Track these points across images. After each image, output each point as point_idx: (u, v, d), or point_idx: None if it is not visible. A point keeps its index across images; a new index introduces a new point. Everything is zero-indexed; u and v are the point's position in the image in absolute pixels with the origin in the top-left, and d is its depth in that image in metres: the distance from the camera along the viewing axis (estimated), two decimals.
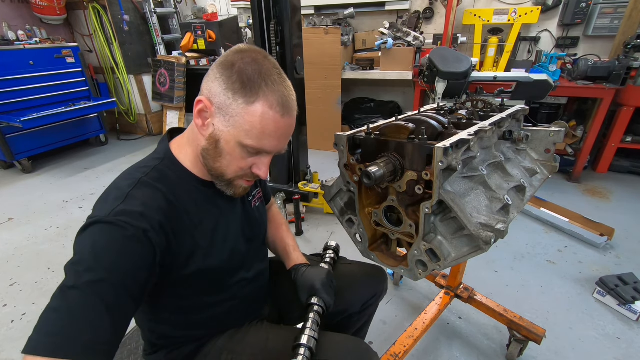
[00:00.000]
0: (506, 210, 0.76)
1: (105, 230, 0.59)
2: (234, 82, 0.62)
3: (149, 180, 0.67)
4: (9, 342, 1.54)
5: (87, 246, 0.57)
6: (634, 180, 2.93)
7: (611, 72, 2.50)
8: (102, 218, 0.59)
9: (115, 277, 0.56)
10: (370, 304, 1.07)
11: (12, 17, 3.66)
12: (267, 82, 0.63)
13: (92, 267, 0.55)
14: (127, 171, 0.71)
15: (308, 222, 2.44)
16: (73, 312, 0.52)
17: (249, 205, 0.88)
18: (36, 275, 1.95)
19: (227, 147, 0.66)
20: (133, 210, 0.61)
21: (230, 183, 0.73)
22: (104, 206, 0.62)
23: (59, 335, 0.50)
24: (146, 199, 0.64)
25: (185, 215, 0.69)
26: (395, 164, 0.72)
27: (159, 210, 0.64)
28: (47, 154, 3.66)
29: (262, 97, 0.63)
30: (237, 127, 0.64)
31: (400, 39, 3.17)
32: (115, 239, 0.58)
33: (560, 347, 1.44)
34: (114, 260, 0.57)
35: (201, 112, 0.66)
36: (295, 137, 2.32)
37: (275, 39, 2.05)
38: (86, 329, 0.51)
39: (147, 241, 0.60)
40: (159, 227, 0.63)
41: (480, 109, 1.11)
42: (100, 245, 0.57)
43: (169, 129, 0.81)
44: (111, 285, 0.55)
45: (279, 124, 0.65)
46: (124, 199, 0.62)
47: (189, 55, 3.86)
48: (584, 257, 2.00)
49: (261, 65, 0.64)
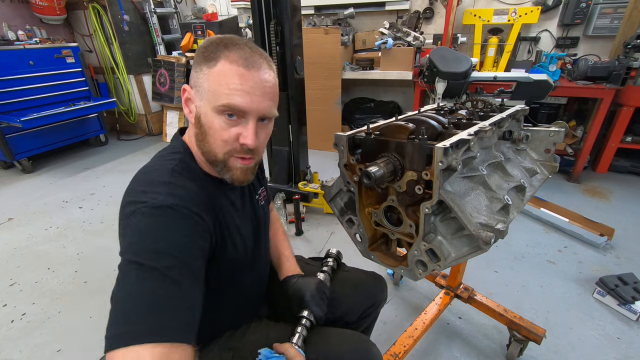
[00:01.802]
0: (506, 210, 0.76)
1: (164, 215, 0.57)
2: (199, 56, 0.65)
3: (181, 170, 0.67)
4: (9, 342, 1.54)
5: (148, 231, 0.55)
6: (634, 180, 2.93)
7: (611, 72, 2.50)
8: (157, 204, 0.57)
9: (183, 258, 0.55)
10: (368, 314, 1.03)
11: (12, 17, 3.66)
12: (228, 47, 0.63)
13: (159, 251, 0.53)
14: (153, 163, 0.69)
15: (308, 222, 2.44)
16: (152, 298, 0.50)
17: (257, 203, 0.88)
18: (36, 275, 1.95)
19: (206, 121, 0.65)
20: (183, 196, 0.61)
21: (225, 164, 0.69)
22: (150, 195, 0.59)
23: (145, 322, 0.48)
24: (187, 186, 0.64)
25: (217, 207, 0.70)
26: (395, 164, 0.72)
27: (204, 197, 0.65)
28: (47, 154, 3.66)
29: (222, 58, 0.63)
30: (207, 94, 0.64)
31: (400, 39, 3.17)
32: (175, 221, 0.58)
33: (560, 347, 1.44)
34: (179, 241, 0.56)
35: (187, 101, 0.69)
36: (295, 137, 2.32)
37: (275, 39, 2.05)
38: (169, 313, 0.50)
39: (205, 224, 0.62)
40: (207, 211, 0.64)
41: (480, 109, 1.11)
42: (163, 228, 0.56)
43: (180, 127, 0.81)
44: (182, 265, 0.54)
45: (245, 76, 0.63)
46: (167, 186, 0.61)
47: (189, 55, 3.86)
48: (584, 257, 2.00)
49: (227, 39, 0.65)
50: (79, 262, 2.05)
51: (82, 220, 2.51)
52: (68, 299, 1.77)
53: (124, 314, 0.48)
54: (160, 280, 0.51)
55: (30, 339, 1.55)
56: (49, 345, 1.52)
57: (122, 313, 0.49)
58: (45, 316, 1.67)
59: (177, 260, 0.54)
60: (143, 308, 0.49)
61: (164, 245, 0.54)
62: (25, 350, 1.50)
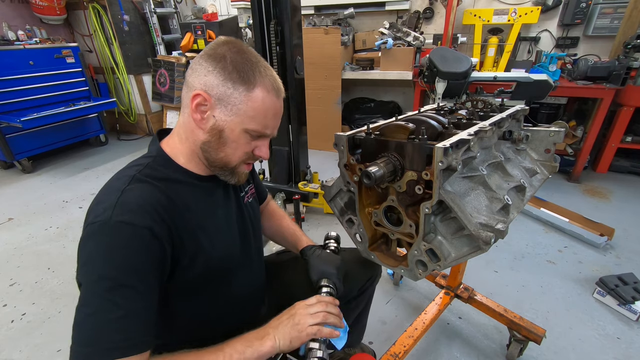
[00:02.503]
0: (506, 210, 0.76)
1: (109, 234, 0.59)
2: (231, 72, 0.65)
3: (143, 177, 0.67)
4: (9, 342, 1.54)
5: (95, 253, 0.59)
6: (634, 180, 2.93)
7: (611, 72, 2.50)
8: (103, 221, 0.59)
9: (131, 279, 0.58)
10: (366, 288, 1.10)
11: (12, 17, 3.66)
12: (259, 70, 0.68)
13: (106, 275, 0.57)
14: (119, 172, 0.71)
15: (308, 222, 2.44)
16: (100, 321, 0.56)
17: (242, 200, 0.87)
18: (36, 275, 1.95)
19: (232, 135, 0.69)
20: (132, 209, 0.61)
21: (234, 170, 0.75)
22: (101, 208, 0.61)
23: (92, 345, 0.55)
24: (143, 194, 0.64)
25: (185, 210, 0.69)
26: (395, 164, 0.72)
27: (158, 204, 0.64)
28: (47, 154, 3.66)
29: (259, 83, 0.67)
30: (241, 114, 0.67)
31: (400, 39, 3.17)
32: (122, 242, 0.59)
33: (560, 347, 1.44)
34: (127, 262, 0.58)
35: (199, 106, 0.67)
36: (295, 137, 2.32)
37: (275, 39, 2.05)
38: (117, 335, 0.56)
39: (153, 237, 0.61)
40: (161, 220, 0.63)
41: (480, 109, 1.11)
42: (108, 249, 0.58)
43: (158, 130, 0.81)
44: (130, 288, 0.58)
45: (276, 105, 0.70)
46: (119, 197, 0.62)
47: (189, 55, 3.86)
48: (584, 257, 2.00)
49: (248, 54, 0.68)
50: None
51: (82, 220, 2.51)
52: (68, 299, 1.77)
53: (83, 335, 0.56)
54: (108, 300, 0.56)
55: (30, 339, 1.55)
56: (49, 345, 1.52)
57: (81, 332, 0.56)
58: (45, 316, 1.67)
59: (124, 277, 0.58)
60: (96, 331, 0.55)
61: (111, 265, 0.58)
62: (25, 350, 1.50)
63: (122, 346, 0.56)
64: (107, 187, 0.67)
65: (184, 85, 0.70)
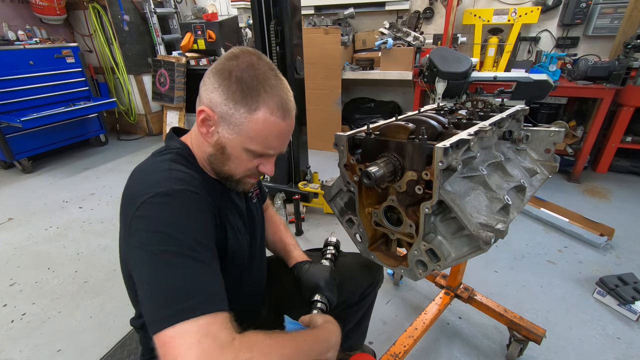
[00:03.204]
0: (506, 210, 0.76)
1: (176, 200, 0.60)
2: (234, 92, 0.64)
3: (180, 160, 0.69)
4: (9, 342, 1.54)
5: (166, 218, 0.58)
6: (634, 180, 2.93)
7: (611, 72, 2.50)
8: (164, 192, 0.59)
9: (205, 239, 0.60)
10: (367, 293, 1.09)
11: (12, 17, 3.66)
12: (265, 88, 0.65)
13: (182, 237, 0.57)
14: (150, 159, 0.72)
15: (308, 222, 2.44)
16: (183, 280, 0.54)
17: (250, 200, 0.89)
18: (36, 275, 1.95)
19: (234, 152, 0.69)
20: (187, 182, 0.63)
21: (240, 181, 0.76)
22: (153, 185, 0.61)
23: (184, 302, 0.52)
24: (189, 173, 0.66)
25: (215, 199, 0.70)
26: (395, 164, 0.72)
27: (201, 184, 0.66)
28: (47, 154, 3.66)
29: (262, 104, 0.64)
30: (242, 135, 0.66)
31: (400, 39, 3.17)
32: (191, 204, 0.60)
33: (560, 347, 1.44)
34: (198, 225, 0.60)
35: (204, 121, 0.68)
36: (295, 137, 2.32)
37: (275, 39, 2.05)
38: (200, 290, 0.54)
39: (211, 205, 0.65)
40: (212, 196, 0.66)
41: (480, 109, 1.11)
42: (179, 213, 0.59)
43: (172, 127, 0.82)
44: (200, 245, 0.58)
45: (281, 127, 0.67)
46: (169, 174, 0.63)
47: (189, 55, 3.86)
48: (584, 257, 1.99)
49: (258, 69, 0.65)
50: (79, 262, 2.05)
51: (82, 220, 2.51)
52: (68, 299, 1.77)
53: (164, 298, 0.52)
54: (184, 262, 0.55)
55: (30, 339, 1.55)
56: (49, 345, 1.52)
57: (161, 297, 0.53)
58: (45, 316, 1.67)
59: (194, 241, 0.58)
60: (177, 291, 0.53)
61: (180, 230, 0.57)
62: (25, 350, 1.50)
63: (211, 301, 0.54)
64: (146, 171, 0.68)
65: (198, 95, 0.71)
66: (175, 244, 0.56)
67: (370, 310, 1.19)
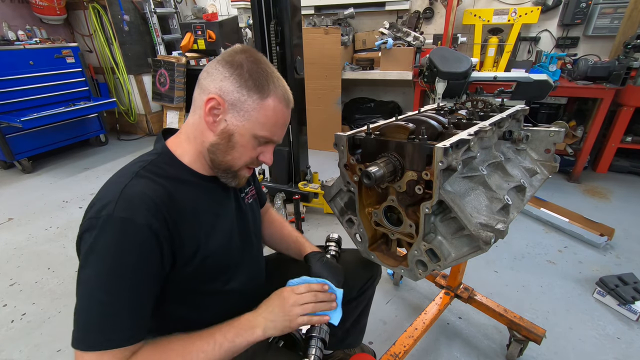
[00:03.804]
0: (506, 210, 0.76)
1: (110, 229, 0.60)
2: (246, 80, 0.68)
3: (146, 174, 0.68)
4: (9, 342, 1.54)
5: (96, 247, 0.60)
6: (634, 180, 2.93)
7: (611, 72, 2.50)
8: (105, 216, 0.60)
9: (130, 274, 0.61)
10: (366, 288, 1.10)
11: (12, 17, 3.66)
12: (272, 80, 0.71)
13: (105, 269, 0.60)
14: (122, 168, 0.72)
15: (308, 222, 2.44)
16: (97, 312, 0.60)
17: (242, 201, 0.88)
18: (36, 275, 1.95)
19: (241, 140, 0.71)
20: (133, 205, 0.62)
21: (236, 174, 0.77)
22: (102, 203, 0.62)
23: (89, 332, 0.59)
24: (145, 190, 0.65)
25: (185, 208, 0.70)
26: (395, 164, 0.72)
27: (159, 201, 0.65)
28: (47, 154, 3.66)
29: (272, 92, 0.70)
30: (253, 121, 0.70)
31: (400, 39, 3.17)
32: (122, 237, 0.60)
33: (560, 347, 1.44)
34: (126, 258, 0.60)
35: (212, 109, 0.69)
36: (295, 137, 2.32)
37: (275, 39, 2.05)
38: (112, 327, 0.60)
39: (152, 234, 0.62)
40: (162, 217, 0.64)
41: (480, 109, 1.11)
42: (108, 245, 0.60)
43: (163, 129, 0.83)
44: (128, 283, 0.61)
45: (285, 115, 0.75)
46: (120, 193, 0.63)
47: (189, 55, 3.86)
48: (584, 257, 2.00)
49: (263, 64, 0.71)
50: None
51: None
52: (68, 299, 1.77)
53: (81, 322, 0.60)
54: (105, 294, 0.60)
55: (30, 339, 1.55)
56: (49, 345, 1.52)
57: (79, 320, 0.60)
58: (45, 316, 1.67)
59: (120, 275, 0.60)
60: (91, 321, 0.60)
61: (109, 263, 0.60)
62: (25, 350, 1.50)
63: (117, 338, 0.59)
64: (109, 183, 0.69)
65: (197, 87, 0.72)
66: (101, 274, 0.60)
67: (369, 306, 1.19)
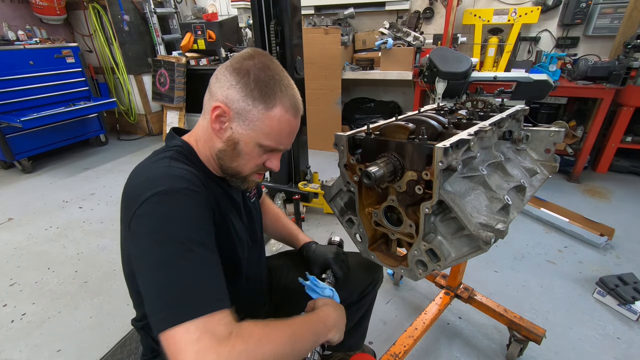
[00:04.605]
0: (506, 210, 0.76)
1: (176, 199, 0.60)
2: (252, 89, 0.67)
3: (180, 157, 0.71)
4: (9, 342, 1.54)
5: (167, 218, 0.59)
6: (634, 180, 2.93)
7: (611, 72, 2.50)
8: (164, 190, 0.60)
9: (205, 239, 0.61)
10: (367, 292, 1.11)
11: (12, 17, 3.66)
12: (280, 87, 0.69)
13: (182, 237, 0.58)
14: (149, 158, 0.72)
15: (308, 222, 2.44)
16: (187, 280, 0.55)
17: (248, 199, 0.90)
18: (36, 275, 1.95)
19: (247, 148, 0.71)
20: (187, 180, 0.64)
21: (245, 179, 0.77)
22: (153, 184, 0.61)
23: (187, 301, 0.54)
24: (188, 170, 0.67)
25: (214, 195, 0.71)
26: (395, 164, 0.72)
27: (199, 180, 0.67)
28: (47, 154, 3.66)
29: (278, 102, 0.69)
30: (257, 130, 0.69)
31: (400, 39, 3.17)
32: (191, 204, 0.61)
33: (560, 347, 1.44)
34: (198, 224, 0.61)
35: (219, 117, 0.69)
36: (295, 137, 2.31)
37: (275, 39, 2.05)
38: (200, 290, 0.56)
39: (211, 203, 0.66)
40: (211, 194, 0.67)
41: (480, 109, 1.11)
42: (180, 213, 0.60)
43: (172, 127, 0.83)
44: (201, 244, 0.59)
45: (292, 124, 0.73)
46: (168, 172, 0.64)
47: (189, 55, 3.86)
48: (584, 257, 2.00)
49: (272, 71, 0.70)
50: (79, 262, 2.05)
51: (82, 220, 2.51)
52: (68, 299, 1.77)
53: (165, 299, 0.55)
54: (184, 262, 0.56)
55: (30, 339, 1.55)
56: (49, 345, 1.52)
57: (162, 298, 0.55)
58: (45, 316, 1.67)
59: (194, 241, 0.59)
60: (177, 291, 0.55)
61: (180, 230, 0.58)
62: (25, 350, 1.50)
63: (220, 299, 0.57)
64: (146, 169, 0.68)
65: (207, 91, 0.72)
66: (176, 244, 0.57)
67: (370, 309, 1.19)
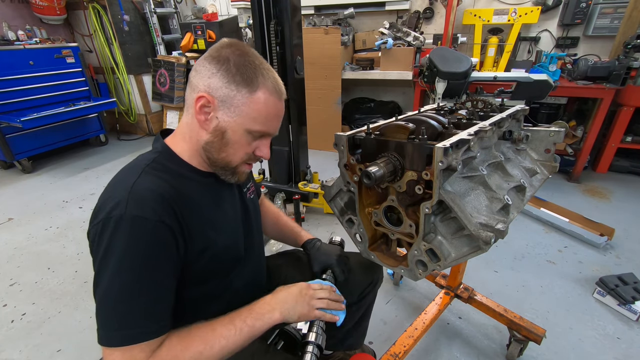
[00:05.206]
0: (506, 210, 0.76)
1: (125, 228, 0.60)
2: (234, 74, 0.67)
3: (151, 170, 0.68)
4: (9, 342, 1.54)
5: (114, 246, 0.60)
6: (634, 180, 2.93)
7: (611, 72, 2.50)
8: (118, 215, 0.60)
9: (151, 270, 0.62)
10: (367, 293, 1.10)
11: (12, 17, 3.66)
12: (261, 72, 0.69)
13: (127, 267, 0.60)
14: (125, 167, 0.72)
15: (308, 222, 2.44)
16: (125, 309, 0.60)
17: (245, 196, 0.89)
18: (36, 275, 1.95)
19: (235, 136, 0.70)
20: (144, 202, 0.62)
21: (235, 170, 0.76)
22: (113, 202, 0.62)
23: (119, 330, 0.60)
24: (153, 187, 0.65)
25: (191, 203, 0.70)
26: (395, 164, 0.72)
27: (167, 196, 0.65)
28: (47, 154, 3.66)
29: (262, 85, 0.68)
30: (244, 116, 0.68)
31: (400, 39, 3.17)
32: (139, 235, 0.61)
33: (560, 347, 1.44)
34: (145, 255, 0.61)
35: (203, 108, 0.68)
36: (295, 137, 2.32)
37: (275, 39, 2.05)
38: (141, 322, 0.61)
39: (166, 229, 0.63)
40: (172, 212, 0.65)
41: (480, 109, 1.11)
42: (126, 243, 0.60)
43: (161, 129, 0.83)
44: (150, 279, 0.61)
45: (278, 106, 0.72)
46: (130, 191, 0.63)
47: (189, 55, 3.86)
48: (584, 257, 2.00)
49: (251, 56, 0.70)
50: (79, 262, 2.05)
51: (82, 220, 2.51)
52: (68, 299, 1.77)
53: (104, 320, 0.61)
54: (123, 294, 0.60)
55: (30, 339, 1.55)
56: (49, 345, 1.52)
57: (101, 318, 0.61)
58: (45, 316, 1.67)
59: (142, 272, 0.61)
60: (114, 317, 0.60)
61: (124, 259, 0.60)
62: (25, 350, 1.50)
63: (146, 332, 0.61)
64: (115, 182, 0.68)
65: (188, 86, 0.71)
66: (123, 272, 0.60)
67: (370, 309, 1.19)
